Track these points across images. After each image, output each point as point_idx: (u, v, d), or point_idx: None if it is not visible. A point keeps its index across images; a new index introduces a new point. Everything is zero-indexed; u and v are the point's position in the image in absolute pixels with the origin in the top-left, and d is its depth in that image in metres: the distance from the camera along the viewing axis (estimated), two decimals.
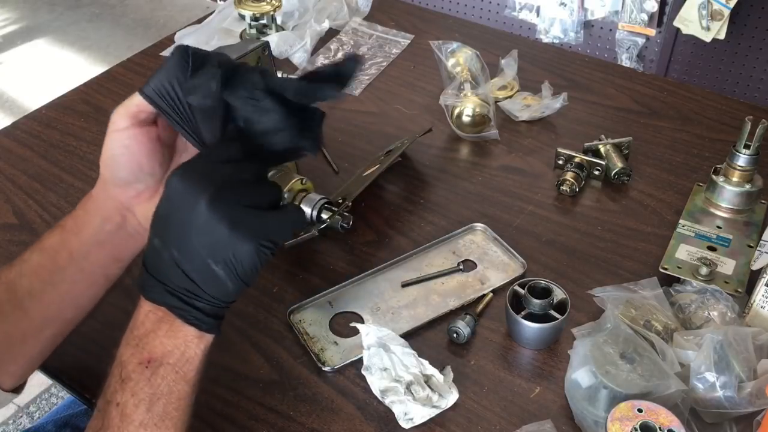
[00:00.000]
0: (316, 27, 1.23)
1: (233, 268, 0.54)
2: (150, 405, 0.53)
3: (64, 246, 0.65)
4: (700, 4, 1.78)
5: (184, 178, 0.53)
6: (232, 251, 0.53)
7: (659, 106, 1.07)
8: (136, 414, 0.53)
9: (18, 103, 2.76)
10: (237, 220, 0.53)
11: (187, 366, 0.55)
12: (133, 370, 0.54)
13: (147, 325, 0.55)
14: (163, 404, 0.54)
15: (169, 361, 0.54)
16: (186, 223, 0.53)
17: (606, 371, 0.65)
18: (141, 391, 0.53)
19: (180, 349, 0.55)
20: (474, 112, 0.99)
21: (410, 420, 0.67)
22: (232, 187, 0.53)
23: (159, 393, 0.54)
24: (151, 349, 0.54)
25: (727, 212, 0.86)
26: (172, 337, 0.55)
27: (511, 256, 0.84)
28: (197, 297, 0.54)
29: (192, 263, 0.53)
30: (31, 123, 1.08)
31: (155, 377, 0.54)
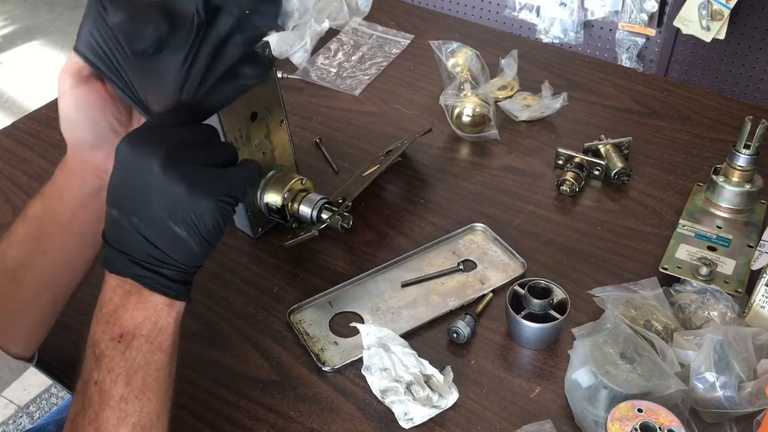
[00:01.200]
0: (316, 27, 1.23)
1: (195, 227, 0.53)
2: (128, 378, 0.53)
3: (48, 212, 0.64)
4: (700, 4, 1.78)
5: (134, 143, 0.52)
6: (192, 210, 0.52)
7: (659, 106, 1.07)
8: (115, 389, 0.52)
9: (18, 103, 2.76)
10: (193, 178, 0.52)
11: (161, 336, 0.54)
12: (106, 346, 0.53)
13: (115, 300, 0.54)
14: (142, 376, 0.53)
15: (141, 332, 0.53)
16: (141, 188, 0.52)
17: (606, 371, 0.65)
18: (117, 366, 0.53)
19: (151, 320, 0.54)
20: (474, 112, 0.99)
21: (410, 420, 0.67)
22: (184, 148, 0.53)
23: (136, 366, 0.53)
24: (122, 323, 0.53)
25: (727, 212, 0.86)
26: (141, 308, 0.54)
27: (511, 256, 0.84)
28: (163, 263, 0.54)
29: (153, 228, 0.53)
30: (31, 123, 1.08)
31: (129, 351, 0.53)
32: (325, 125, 1.06)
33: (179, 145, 0.53)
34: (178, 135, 0.54)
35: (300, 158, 0.91)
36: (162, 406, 0.55)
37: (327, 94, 1.13)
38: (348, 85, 1.14)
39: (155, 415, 0.54)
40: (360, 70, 1.18)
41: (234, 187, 0.55)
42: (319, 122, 1.07)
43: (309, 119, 1.07)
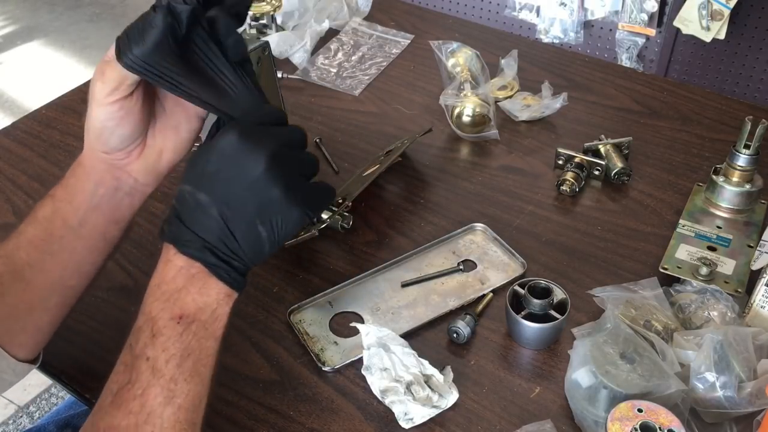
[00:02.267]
0: (316, 27, 1.23)
1: (277, 230, 0.55)
2: (181, 361, 0.54)
3: (57, 215, 0.64)
4: (700, 4, 1.78)
5: (244, 137, 0.54)
6: (281, 215, 0.55)
7: (659, 106, 1.07)
8: (167, 369, 0.53)
9: (18, 103, 2.76)
10: (291, 185, 0.54)
11: (217, 323, 0.56)
12: (164, 325, 0.54)
13: (178, 281, 0.55)
14: (193, 360, 0.54)
15: (200, 317, 0.55)
16: (240, 181, 0.54)
17: (606, 371, 0.65)
18: (172, 347, 0.54)
19: (212, 307, 0.55)
20: (474, 112, 0.99)
21: (410, 420, 0.67)
22: (286, 152, 0.55)
23: (189, 349, 0.54)
24: (182, 305, 0.54)
25: (727, 212, 0.86)
26: (204, 294, 0.55)
27: (511, 256, 0.84)
28: (235, 256, 0.55)
29: (239, 221, 0.54)
30: (31, 123, 1.08)
31: (187, 333, 0.54)
32: (325, 125, 1.06)
33: (283, 148, 0.55)
34: (284, 136, 0.56)
35: None
36: (205, 391, 0.56)
37: (327, 94, 1.13)
38: (348, 85, 1.14)
39: (198, 399, 0.55)
40: (360, 70, 1.18)
41: (318, 203, 0.58)
42: (319, 122, 1.07)
43: (309, 119, 1.07)
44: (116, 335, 0.76)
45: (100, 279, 0.82)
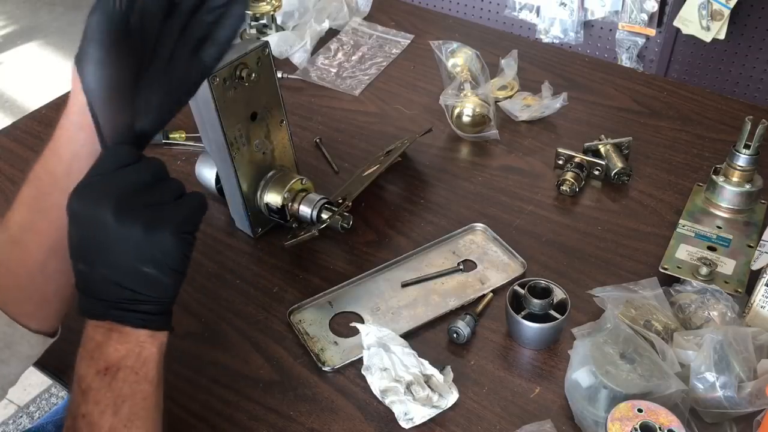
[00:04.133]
0: (316, 27, 1.23)
1: (162, 263, 0.54)
2: (115, 409, 0.53)
3: (45, 169, 0.63)
4: (700, 4, 1.78)
5: (83, 198, 0.53)
6: (155, 249, 0.53)
7: (659, 106, 1.07)
8: (104, 420, 0.53)
9: (18, 103, 2.76)
10: (147, 219, 0.53)
11: (146, 366, 0.55)
12: (92, 380, 0.54)
13: (97, 338, 0.55)
14: (129, 406, 0.54)
15: (126, 364, 0.54)
16: (100, 239, 0.53)
17: (606, 371, 0.65)
18: (104, 398, 0.53)
19: (135, 351, 0.55)
20: (474, 112, 0.99)
21: (410, 420, 0.67)
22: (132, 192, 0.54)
23: (122, 396, 0.54)
24: (106, 357, 0.54)
25: (727, 212, 0.86)
26: (124, 342, 0.55)
27: (511, 256, 0.84)
28: (139, 302, 0.55)
29: (122, 274, 0.54)
30: (31, 123, 1.08)
31: (115, 382, 0.54)
32: (325, 125, 1.06)
33: (127, 190, 0.54)
34: (124, 180, 0.54)
35: (300, 158, 0.91)
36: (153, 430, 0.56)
37: (327, 94, 1.13)
38: (348, 85, 1.14)
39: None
40: (360, 70, 1.18)
41: (188, 218, 0.56)
42: (319, 122, 1.07)
43: (309, 119, 1.07)
44: None
45: None
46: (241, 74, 0.77)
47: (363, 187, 0.85)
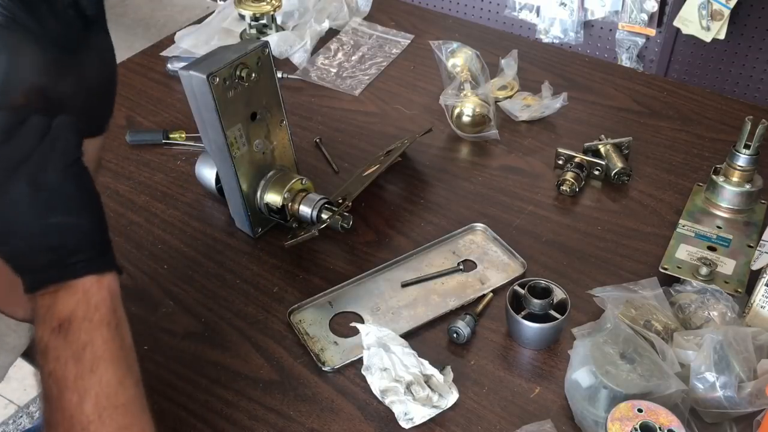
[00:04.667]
0: (316, 27, 1.23)
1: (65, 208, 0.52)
2: (76, 358, 0.53)
3: None
4: (700, 4, 1.78)
5: None
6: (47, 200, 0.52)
7: (659, 106, 1.07)
8: (68, 371, 0.52)
9: None
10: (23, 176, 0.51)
11: (99, 312, 0.54)
12: (48, 339, 0.53)
13: (47, 302, 0.54)
14: (90, 352, 0.53)
15: (77, 315, 0.53)
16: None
17: (606, 371, 0.65)
18: (63, 353, 0.53)
19: (83, 301, 0.54)
20: (474, 112, 0.99)
21: (410, 420, 0.67)
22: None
23: (80, 344, 0.53)
24: (57, 315, 0.53)
25: (727, 212, 0.86)
26: (71, 294, 0.54)
27: (511, 256, 0.84)
28: (67, 255, 0.53)
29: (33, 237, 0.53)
30: None
31: (71, 334, 0.53)
32: (325, 125, 1.06)
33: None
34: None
35: (300, 158, 0.91)
36: (122, 372, 0.54)
37: (327, 94, 1.13)
38: (348, 85, 1.14)
39: (116, 381, 0.54)
40: (360, 70, 1.18)
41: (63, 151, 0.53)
42: (319, 122, 1.07)
43: (309, 119, 1.07)
44: None
45: None
46: (241, 74, 0.77)
47: (363, 187, 0.85)
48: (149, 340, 0.76)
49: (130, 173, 0.97)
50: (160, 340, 0.76)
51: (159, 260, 0.85)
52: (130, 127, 1.05)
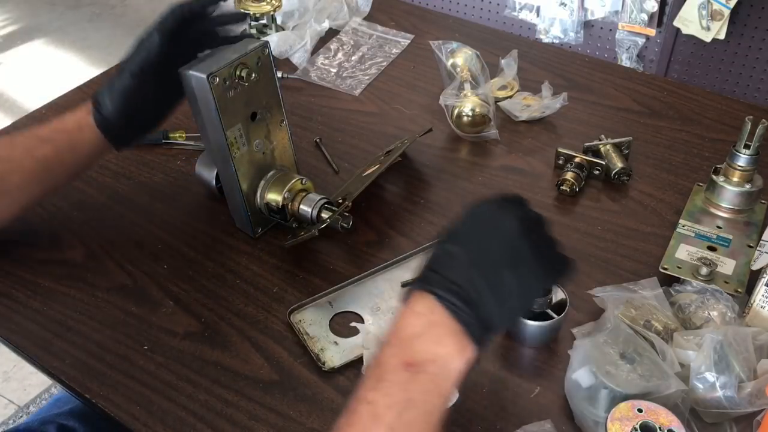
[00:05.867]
0: (316, 27, 1.23)
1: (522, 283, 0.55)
2: (402, 410, 0.51)
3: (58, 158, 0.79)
4: (700, 4, 1.78)
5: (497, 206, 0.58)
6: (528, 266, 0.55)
7: (659, 106, 1.07)
8: (388, 416, 0.51)
9: (18, 103, 2.76)
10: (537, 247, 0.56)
11: (446, 381, 0.53)
12: (391, 371, 0.52)
13: (416, 328, 0.53)
14: (415, 414, 0.52)
15: (430, 369, 0.52)
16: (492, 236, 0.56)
17: (606, 371, 0.65)
18: (396, 394, 0.52)
19: (444, 359, 0.53)
20: (474, 112, 0.99)
21: None
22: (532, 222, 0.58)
23: (413, 401, 0.52)
24: (414, 353, 0.52)
25: (727, 212, 0.86)
26: (440, 344, 0.53)
27: None
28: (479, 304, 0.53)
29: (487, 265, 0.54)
30: (31, 123, 1.08)
31: (413, 383, 0.52)
32: (325, 125, 1.06)
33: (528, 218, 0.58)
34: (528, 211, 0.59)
35: (300, 158, 0.91)
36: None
37: (327, 94, 1.13)
38: (348, 85, 1.14)
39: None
40: (360, 70, 1.18)
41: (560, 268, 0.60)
42: (319, 122, 1.07)
43: (309, 119, 1.07)
44: (116, 335, 0.77)
45: (100, 279, 0.83)
46: (241, 74, 0.77)
47: (363, 187, 0.85)
48: (149, 340, 0.76)
49: (130, 173, 0.97)
50: (160, 340, 0.76)
51: (159, 260, 0.85)
52: None
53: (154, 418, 0.69)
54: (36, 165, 0.78)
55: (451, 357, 0.53)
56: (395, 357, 0.53)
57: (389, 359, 0.53)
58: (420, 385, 0.52)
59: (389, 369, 0.52)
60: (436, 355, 0.52)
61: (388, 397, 0.51)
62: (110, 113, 0.78)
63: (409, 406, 0.51)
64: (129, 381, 0.72)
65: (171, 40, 0.76)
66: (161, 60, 0.77)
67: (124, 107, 0.77)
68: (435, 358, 0.52)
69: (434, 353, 0.52)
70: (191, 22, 0.78)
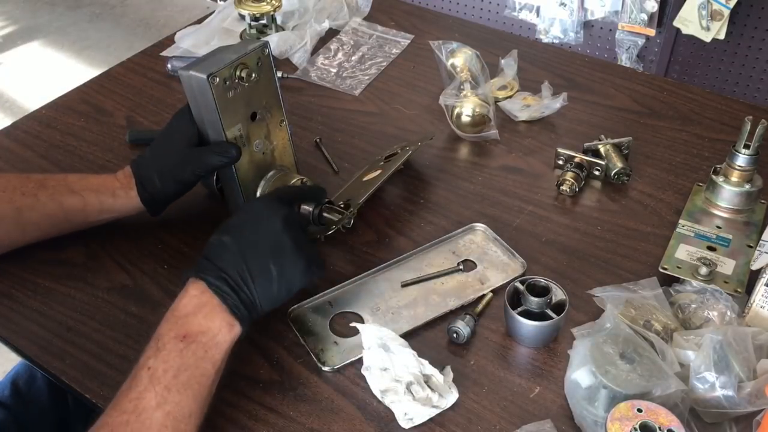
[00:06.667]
0: (316, 27, 1.23)
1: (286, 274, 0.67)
2: (177, 373, 0.60)
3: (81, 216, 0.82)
4: (700, 4, 1.78)
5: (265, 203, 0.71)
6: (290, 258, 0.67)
7: (659, 106, 1.07)
8: (164, 378, 0.60)
9: (18, 103, 2.76)
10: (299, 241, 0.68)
11: (215, 349, 0.63)
12: (168, 341, 0.62)
13: (189, 308, 0.64)
14: (188, 376, 0.61)
15: (201, 339, 0.63)
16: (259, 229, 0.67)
17: (606, 371, 0.65)
18: (172, 360, 0.61)
19: (213, 332, 0.63)
20: (474, 112, 0.99)
21: (410, 420, 0.67)
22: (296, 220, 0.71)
23: (186, 365, 0.61)
24: (188, 327, 0.63)
25: (726, 212, 0.86)
26: (209, 319, 0.63)
27: (511, 256, 0.84)
28: (244, 289, 0.65)
29: (254, 257, 0.66)
30: (31, 123, 1.08)
31: (186, 351, 0.62)
32: (325, 125, 1.06)
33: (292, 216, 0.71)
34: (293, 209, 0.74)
35: (300, 158, 0.91)
36: (196, 407, 0.61)
37: (327, 94, 1.13)
38: (348, 85, 1.14)
39: (188, 411, 0.61)
40: (360, 70, 1.18)
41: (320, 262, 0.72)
42: (319, 122, 1.07)
43: (309, 119, 1.07)
44: (116, 335, 0.77)
45: (100, 279, 0.83)
46: (241, 74, 0.77)
47: (368, 195, 0.85)
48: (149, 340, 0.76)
49: None
50: None
51: (159, 260, 0.85)
52: (130, 127, 1.05)
53: None
54: (59, 212, 0.81)
55: (219, 330, 0.64)
56: (171, 330, 0.63)
57: (166, 333, 0.63)
58: (193, 352, 0.62)
59: (166, 341, 0.62)
60: (207, 328, 0.63)
61: (165, 363, 0.61)
62: (157, 190, 0.81)
63: (183, 370, 0.61)
64: None
65: None
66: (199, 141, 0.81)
67: (174, 189, 0.81)
68: (206, 330, 0.63)
69: (206, 326, 0.63)
70: None
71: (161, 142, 0.82)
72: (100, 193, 0.82)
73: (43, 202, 0.80)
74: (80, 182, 0.82)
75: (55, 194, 0.80)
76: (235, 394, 0.71)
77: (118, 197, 0.82)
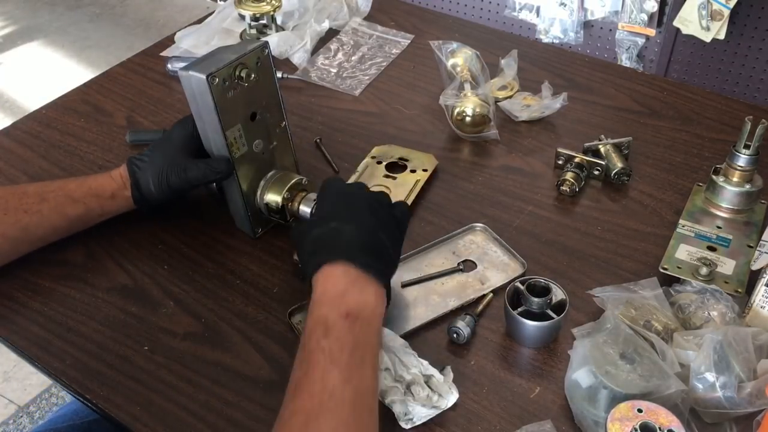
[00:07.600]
0: (316, 27, 1.23)
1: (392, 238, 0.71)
2: (352, 350, 0.61)
3: (83, 219, 0.84)
4: (700, 4, 1.78)
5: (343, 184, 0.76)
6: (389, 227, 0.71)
7: (659, 106, 1.07)
8: (343, 356, 0.60)
9: (18, 103, 2.76)
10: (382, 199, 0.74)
11: (375, 321, 0.65)
12: (335, 322, 0.62)
13: (340, 286, 0.65)
14: (361, 351, 0.62)
15: (363, 314, 0.63)
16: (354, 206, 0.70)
17: (606, 371, 0.65)
18: (345, 338, 0.61)
19: (371, 305, 0.65)
20: (474, 112, 0.99)
21: (410, 420, 0.67)
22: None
23: (357, 341, 0.62)
24: (347, 305, 0.63)
25: (727, 212, 0.86)
26: (364, 293, 0.65)
27: (511, 256, 0.84)
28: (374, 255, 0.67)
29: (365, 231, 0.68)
30: (31, 123, 1.08)
31: (354, 327, 0.62)
32: (325, 125, 1.06)
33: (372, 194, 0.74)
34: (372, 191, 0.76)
35: (300, 158, 0.91)
36: (373, 381, 0.62)
37: (327, 94, 1.13)
38: (348, 85, 1.14)
39: (371, 386, 0.61)
40: (360, 70, 1.18)
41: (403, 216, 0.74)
42: (319, 122, 1.07)
43: (309, 119, 1.07)
44: (116, 335, 0.77)
45: (100, 279, 0.83)
46: (240, 74, 0.77)
47: None
48: (149, 340, 0.76)
49: None
50: (160, 340, 0.76)
51: (159, 260, 0.85)
52: (130, 127, 1.05)
53: (154, 418, 0.69)
54: (64, 222, 0.82)
55: (375, 302, 0.66)
56: (332, 311, 0.63)
57: (329, 314, 0.63)
58: (360, 328, 0.63)
59: (332, 322, 0.62)
60: (365, 303, 0.64)
61: (338, 342, 0.61)
62: (151, 195, 0.82)
63: (356, 346, 0.61)
64: (129, 381, 0.72)
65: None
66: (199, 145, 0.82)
67: (167, 195, 0.82)
68: (365, 305, 0.64)
69: (363, 301, 0.64)
70: None
71: (160, 147, 0.82)
72: (100, 197, 0.82)
73: (47, 217, 0.80)
74: (80, 189, 0.82)
75: (58, 206, 0.81)
76: (235, 394, 0.71)
77: (117, 198, 0.83)
